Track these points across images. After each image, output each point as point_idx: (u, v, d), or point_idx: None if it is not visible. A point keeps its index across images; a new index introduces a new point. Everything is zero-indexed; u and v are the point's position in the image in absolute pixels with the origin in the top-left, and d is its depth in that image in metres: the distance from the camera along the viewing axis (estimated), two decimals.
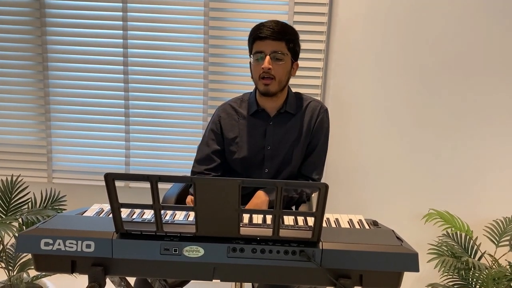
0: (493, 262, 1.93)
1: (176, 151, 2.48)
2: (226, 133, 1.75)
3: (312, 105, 1.76)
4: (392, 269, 1.07)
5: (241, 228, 1.05)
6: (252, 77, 1.70)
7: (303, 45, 2.29)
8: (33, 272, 1.98)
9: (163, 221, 1.05)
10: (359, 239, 1.12)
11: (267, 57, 1.60)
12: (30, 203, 2.04)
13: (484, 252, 1.95)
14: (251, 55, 1.66)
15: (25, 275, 1.93)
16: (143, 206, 1.03)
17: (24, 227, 1.93)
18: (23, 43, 2.38)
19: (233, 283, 1.69)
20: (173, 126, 2.45)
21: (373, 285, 1.10)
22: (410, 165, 2.32)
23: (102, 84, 2.42)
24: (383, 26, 2.22)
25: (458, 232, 1.98)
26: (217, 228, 1.04)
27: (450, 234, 2.00)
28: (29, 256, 2.00)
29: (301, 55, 2.29)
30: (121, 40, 2.35)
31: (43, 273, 1.96)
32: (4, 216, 1.97)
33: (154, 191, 0.98)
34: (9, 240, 2.01)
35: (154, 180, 0.97)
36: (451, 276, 1.94)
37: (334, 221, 1.34)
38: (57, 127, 2.47)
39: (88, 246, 1.06)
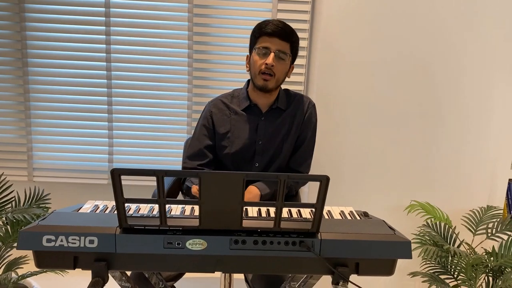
0: (470, 250, 2.03)
1: (160, 148, 2.48)
2: (217, 128, 1.77)
3: (301, 100, 1.81)
4: (386, 257, 1.13)
5: (243, 220, 1.08)
6: (249, 71, 1.72)
7: None
8: (19, 272, 1.96)
9: (168, 216, 1.07)
10: (354, 229, 1.17)
11: (272, 54, 1.62)
12: (14, 202, 2.00)
13: (462, 241, 2.04)
14: (253, 49, 1.67)
15: (13, 274, 1.89)
16: (148, 201, 1.05)
17: (8, 226, 1.89)
18: (1, 38, 2.32)
19: (223, 277, 1.72)
20: (157, 123, 2.45)
21: (368, 272, 1.15)
22: (392, 159, 2.40)
23: (84, 81, 2.39)
24: (366, 23, 2.28)
25: (438, 222, 2.07)
26: (220, 221, 1.07)
27: (430, 224, 2.09)
28: (16, 255, 1.97)
29: None
30: (104, 36, 2.33)
31: (29, 272, 1.93)
32: None
33: (160, 186, 1.00)
34: None
35: (160, 175, 0.98)
36: (433, 265, 2.03)
37: (327, 213, 1.38)
38: (37, 124, 2.43)
39: (91, 241, 1.06)
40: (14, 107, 2.40)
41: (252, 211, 1.37)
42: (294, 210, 1.37)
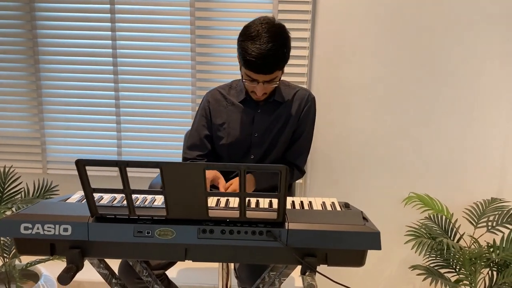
0: (473, 242, 1.97)
1: (166, 140, 2.53)
2: (214, 118, 1.78)
3: (300, 93, 1.79)
4: (355, 247, 1.12)
5: (210, 210, 1.10)
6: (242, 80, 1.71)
7: None
8: (28, 259, 2.05)
9: (136, 205, 1.11)
10: (326, 219, 1.17)
11: (260, 84, 1.59)
12: (23, 193, 2.11)
13: (463, 234, 1.99)
14: (241, 67, 1.62)
15: (17, 261, 1.99)
16: (114, 191, 1.08)
17: None
18: (14, 36, 2.42)
19: (220, 266, 1.75)
20: (162, 116, 2.50)
21: (338, 263, 1.15)
22: (394, 151, 2.36)
23: (93, 76, 2.46)
24: (368, 13, 2.24)
25: (440, 215, 2.03)
26: (187, 211, 1.10)
27: (432, 217, 2.05)
28: None
29: None
30: (110, 32, 2.39)
31: (37, 260, 2.02)
32: None
33: (124, 177, 1.03)
34: None
35: (122, 165, 1.02)
36: (434, 258, 1.98)
37: (308, 204, 1.38)
38: (50, 119, 2.53)
39: (65, 229, 1.11)
40: (28, 103, 2.51)
41: (234, 201, 1.39)
42: (275, 201, 1.37)
